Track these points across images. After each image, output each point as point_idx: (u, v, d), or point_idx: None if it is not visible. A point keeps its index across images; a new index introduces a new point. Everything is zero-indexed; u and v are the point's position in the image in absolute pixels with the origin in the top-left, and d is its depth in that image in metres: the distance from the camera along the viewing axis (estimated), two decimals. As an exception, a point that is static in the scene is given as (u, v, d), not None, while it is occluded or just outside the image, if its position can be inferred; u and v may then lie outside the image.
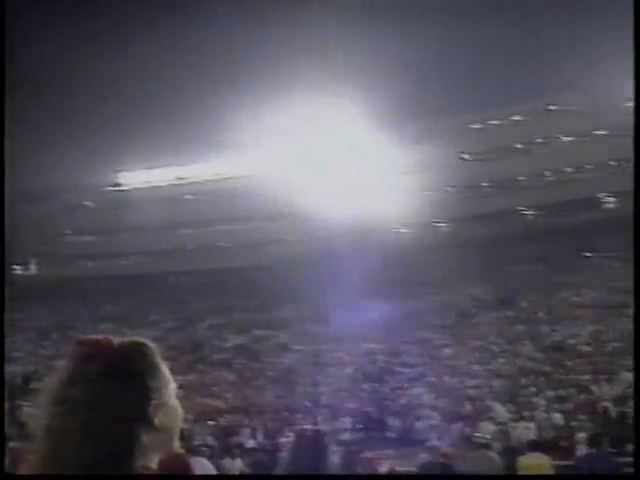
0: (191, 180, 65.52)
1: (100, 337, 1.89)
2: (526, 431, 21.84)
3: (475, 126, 55.57)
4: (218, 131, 53.84)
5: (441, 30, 53.12)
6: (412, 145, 54.31)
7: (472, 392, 29.60)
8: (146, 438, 1.78)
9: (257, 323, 47.85)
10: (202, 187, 63.84)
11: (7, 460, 9.14)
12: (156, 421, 1.81)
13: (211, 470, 10.37)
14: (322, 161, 57.48)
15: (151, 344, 1.92)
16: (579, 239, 44.54)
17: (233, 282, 54.20)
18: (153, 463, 1.82)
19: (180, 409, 1.91)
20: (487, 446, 16.99)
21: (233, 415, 29.85)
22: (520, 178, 55.02)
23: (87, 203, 67.37)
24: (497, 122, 55.41)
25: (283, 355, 41.78)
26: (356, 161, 55.92)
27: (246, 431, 25.67)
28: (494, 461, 15.77)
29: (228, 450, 17.47)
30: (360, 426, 26.45)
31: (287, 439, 20.96)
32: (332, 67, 51.62)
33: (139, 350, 1.88)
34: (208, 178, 64.07)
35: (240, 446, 20.37)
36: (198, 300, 53.90)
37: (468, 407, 26.91)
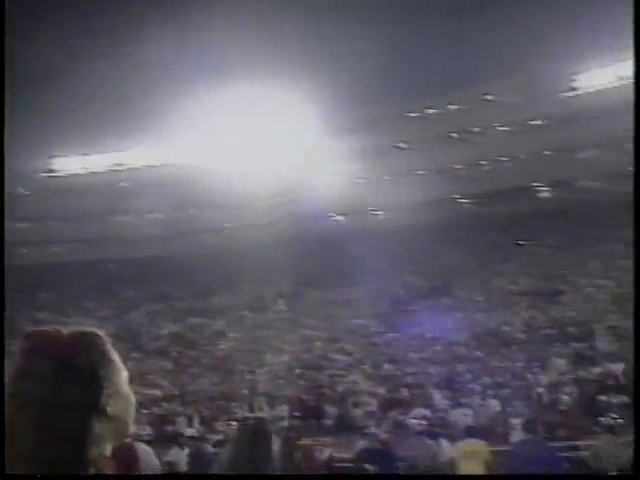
0: (127, 167, 64.77)
1: (49, 328, 1.86)
2: (463, 417, 22.01)
3: (412, 114, 55.77)
4: (155, 118, 53.35)
5: (379, 18, 53.26)
6: (348, 133, 54.36)
7: (409, 379, 29.77)
8: (99, 427, 1.78)
9: (193, 311, 47.62)
10: (138, 174, 63.15)
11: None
12: (109, 410, 1.81)
13: (153, 456, 10.28)
14: (258, 149, 57.26)
15: (101, 333, 1.91)
16: (514, 228, 45.05)
17: (169, 270, 53.82)
18: (107, 451, 1.82)
19: (132, 397, 1.90)
20: (425, 433, 17.10)
21: (169, 403, 29.66)
22: (456, 167, 55.43)
23: (21, 190, 66.26)
24: (434, 111, 55.70)
25: (219, 343, 41.65)
26: (292, 149, 55.80)
27: (182, 419, 25.49)
28: (432, 448, 15.88)
29: (169, 439, 17.33)
30: (297, 413, 26.42)
31: (225, 427, 20.90)
32: (268, 55, 51.41)
33: (89, 340, 1.86)
34: (145, 165, 63.39)
35: (178, 435, 20.20)
36: (134, 288, 53.46)
37: (405, 394, 27.03)
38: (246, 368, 35.20)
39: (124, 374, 1.90)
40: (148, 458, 9.63)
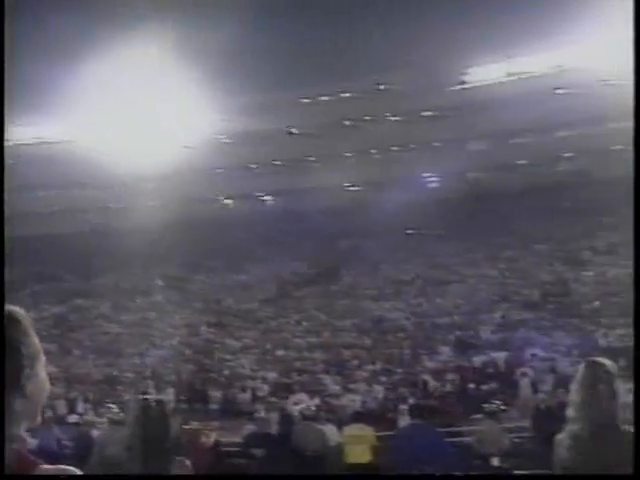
0: (12, 143, 62.99)
1: None
2: (351, 403, 22.24)
3: (305, 101, 55.78)
4: (38, 93, 51.97)
5: (274, 6, 52.99)
6: (240, 117, 54.04)
7: (297, 364, 29.89)
8: (18, 404, 1.79)
9: (78, 292, 46.76)
10: (22, 151, 61.48)
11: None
12: (27, 390, 1.81)
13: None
14: (148, 130, 56.42)
15: (24, 313, 1.92)
16: (403, 216, 45.51)
17: (53, 249, 52.64)
18: (22, 430, 1.82)
19: (48, 383, 1.94)
20: (313, 418, 17.17)
21: (54, 386, 29.01)
22: (347, 154, 55.73)
23: None
24: (327, 98, 55.83)
25: (105, 325, 41.02)
26: (183, 131, 55.16)
27: (67, 403, 25.04)
28: (320, 433, 15.95)
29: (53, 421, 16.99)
30: (183, 397, 26.25)
31: (109, 410, 20.56)
32: (159, 37, 50.61)
33: (13, 318, 1.86)
34: (28, 142, 61.76)
35: (61, 418, 19.84)
36: (17, 268, 52.09)
37: (293, 379, 27.14)
38: (132, 351, 34.78)
39: (42, 358, 1.93)
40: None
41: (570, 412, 4.27)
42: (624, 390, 14.55)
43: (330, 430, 16.49)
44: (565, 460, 4.20)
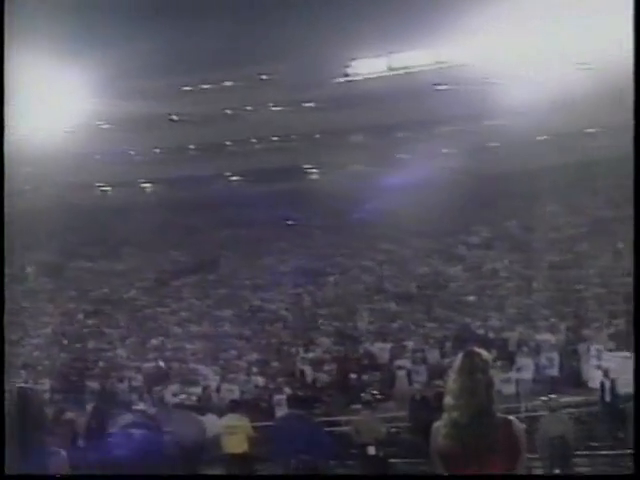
0: None
1: None
2: (228, 393, 22.22)
3: (186, 88, 55.19)
4: None
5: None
6: (120, 102, 53.10)
7: (175, 354, 29.66)
8: None
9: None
10: None
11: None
12: None
13: None
14: (23, 112, 54.88)
15: None
16: (283, 207, 45.64)
17: None
18: None
19: None
20: (191, 407, 17.11)
21: None
22: (227, 143, 55.49)
23: None
24: (209, 86, 55.37)
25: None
26: (63, 114, 53.86)
27: None
28: (198, 423, 15.90)
29: None
30: (59, 387, 25.77)
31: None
32: (38, 19, 49.33)
33: None
34: None
35: None
36: None
37: (173, 369, 26.92)
38: (5, 340, 33.83)
39: None
40: None
41: (448, 400, 4.36)
42: (498, 380, 14.93)
43: (209, 420, 16.47)
44: (441, 447, 4.30)
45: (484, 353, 4.47)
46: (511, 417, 4.37)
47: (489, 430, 4.23)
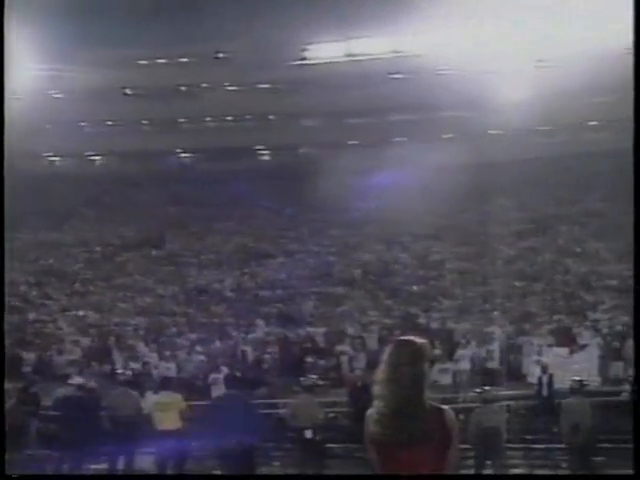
0: None
1: None
2: (167, 371, 22.14)
3: (142, 62, 54.58)
4: None
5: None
6: (71, 71, 52.35)
7: (116, 329, 29.41)
8: None
9: None
10: None
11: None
12: None
13: None
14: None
15: None
16: (233, 186, 45.40)
17: None
18: None
19: None
20: (128, 383, 17.02)
21: None
22: (181, 120, 55.10)
23: None
24: (164, 61, 54.83)
25: None
26: (13, 82, 52.98)
27: None
28: (134, 398, 15.84)
29: None
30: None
31: None
32: None
33: None
34: None
35: None
36: None
37: (111, 344, 26.68)
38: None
39: None
40: None
41: (376, 389, 4.36)
42: (438, 370, 14.92)
43: (146, 396, 16.40)
44: (372, 434, 4.31)
45: (417, 343, 4.45)
46: (443, 406, 4.36)
47: (418, 419, 4.23)
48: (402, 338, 4.55)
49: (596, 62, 43.50)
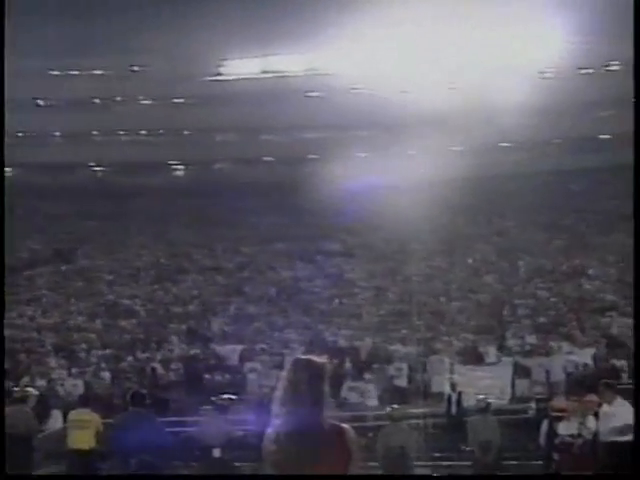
0: None
1: None
2: (76, 388, 21.73)
3: (54, 72, 53.79)
4: None
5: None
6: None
7: (24, 345, 28.72)
8: None
9: None
10: None
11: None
12: None
13: None
14: None
15: None
16: (147, 201, 45.05)
17: None
18: None
19: None
20: (23, 400, 16.58)
21: None
22: (94, 133, 54.47)
23: None
24: (77, 72, 54.14)
25: None
26: None
27: None
28: (29, 416, 15.38)
29: None
30: None
31: None
32: None
33: None
34: None
35: None
36: None
37: (20, 360, 26.05)
38: None
39: None
40: None
41: (275, 407, 4.33)
42: (347, 388, 14.94)
43: (54, 414, 16.09)
44: (270, 453, 4.27)
45: (316, 361, 4.43)
46: (343, 425, 4.34)
47: (315, 438, 4.20)
48: (301, 357, 4.53)
49: (511, 85, 44.41)
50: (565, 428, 13.78)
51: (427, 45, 47.42)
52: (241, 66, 52.02)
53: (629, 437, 12.44)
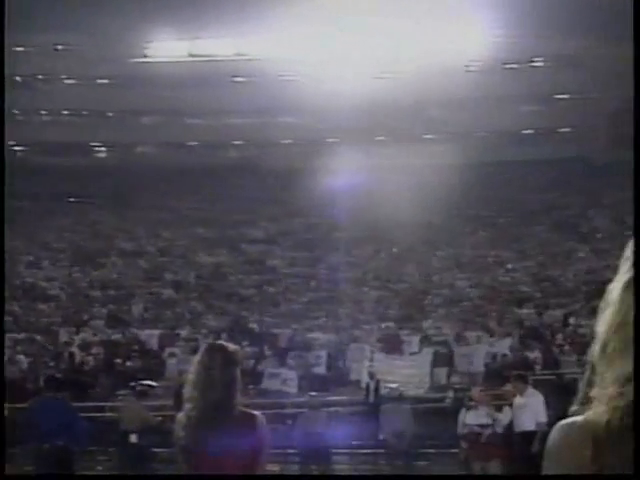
0: None
1: None
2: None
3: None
4: None
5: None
6: None
7: None
8: None
9: None
10: None
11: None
12: None
13: None
14: None
15: None
16: (67, 182, 44.35)
17: None
18: None
19: None
20: None
21: None
22: (15, 112, 53.39)
23: None
24: (-2, 50, 53.00)
25: None
26: None
27: None
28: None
29: None
30: None
31: None
32: None
33: None
34: None
35: None
36: None
37: None
38: None
39: None
40: None
41: (186, 392, 4.33)
42: (267, 375, 14.85)
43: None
44: (181, 438, 4.27)
45: (231, 347, 4.46)
46: (254, 412, 4.37)
47: (226, 424, 4.20)
48: (213, 342, 4.57)
49: (437, 78, 44.75)
50: (474, 418, 13.99)
51: (356, 35, 47.54)
52: (168, 48, 51.45)
53: (539, 427, 12.68)
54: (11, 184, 46.15)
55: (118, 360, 23.73)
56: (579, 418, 1.53)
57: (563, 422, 1.55)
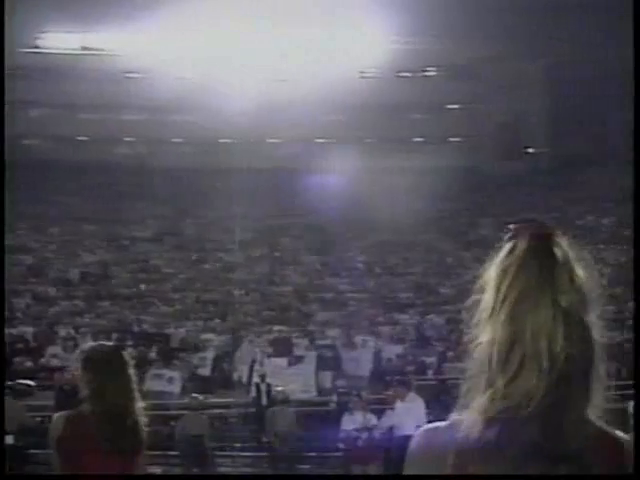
0: None
1: None
2: None
3: None
4: None
5: None
6: None
7: None
8: None
9: None
10: None
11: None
12: None
13: None
14: None
15: None
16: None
17: None
18: None
19: None
20: None
21: None
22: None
23: None
24: None
25: None
26: None
27: None
28: None
29: None
30: None
31: None
32: None
33: None
34: None
35: None
36: None
37: None
38: None
39: None
40: None
41: (83, 392, 4.30)
42: (151, 376, 14.71)
43: None
44: (59, 437, 4.25)
45: (109, 346, 4.48)
46: (140, 417, 4.35)
47: (115, 426, 4.19)
48: (92, 343, 4.60)
49: (331, 82, 44.98)
50: (353, 422, 14.15)
51: (251, 36, 47.44)
52: (60, 40, 50.30)
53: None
54: None
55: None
56: (442, 423, 1.56)
57: (426, 427, 1.58)
